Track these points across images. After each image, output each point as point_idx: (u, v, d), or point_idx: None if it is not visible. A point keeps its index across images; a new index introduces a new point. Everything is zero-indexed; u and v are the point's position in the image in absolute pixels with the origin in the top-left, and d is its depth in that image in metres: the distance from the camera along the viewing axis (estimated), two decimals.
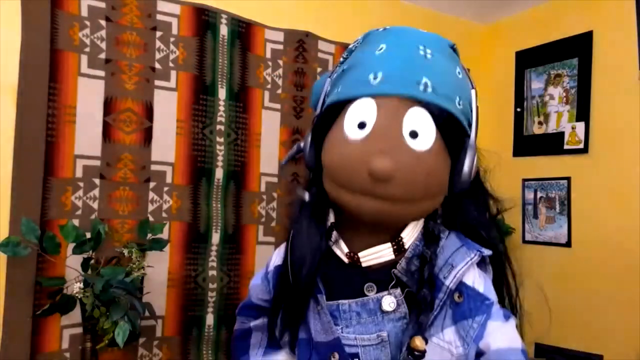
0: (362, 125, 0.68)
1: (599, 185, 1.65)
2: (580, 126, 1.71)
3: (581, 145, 1.70)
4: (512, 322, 0.73)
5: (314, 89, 0.84)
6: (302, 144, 0.79)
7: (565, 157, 1.75)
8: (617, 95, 1.62)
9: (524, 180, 1.87)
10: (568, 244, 1.73)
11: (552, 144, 1.79)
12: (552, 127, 1.81)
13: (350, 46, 0.78)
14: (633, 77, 1.57)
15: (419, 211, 0.73)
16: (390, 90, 0.67)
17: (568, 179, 1.74)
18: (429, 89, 0.67)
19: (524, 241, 1.86)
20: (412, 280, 0.73)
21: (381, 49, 0.70)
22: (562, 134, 1.76)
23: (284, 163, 0.85)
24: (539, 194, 1.83)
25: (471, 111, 0.73)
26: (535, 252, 1.81)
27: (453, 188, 0.72)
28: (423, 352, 0.67)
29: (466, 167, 0.70)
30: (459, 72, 0.72)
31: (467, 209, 0.77)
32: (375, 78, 0.68)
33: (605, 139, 1.65)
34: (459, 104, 0.69)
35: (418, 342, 0.67)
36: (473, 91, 0.75)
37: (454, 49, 0.76)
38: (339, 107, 0.72)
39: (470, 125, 0.73)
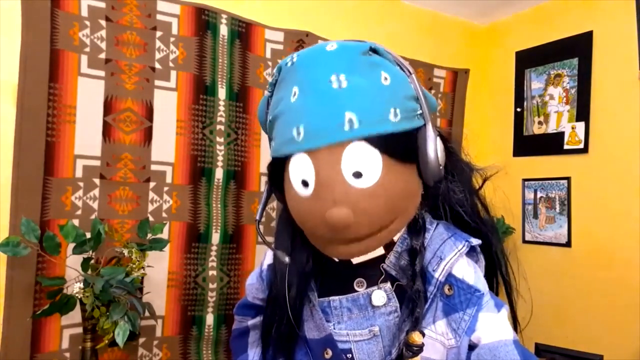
0: (305, 183, 0.68)
1: (599, 185, 1.65)
2: (580, 126, 1.71)
3: (581, 145, 1.70)
4: (504, 312, 0.72)
5: (259, 114, 0.83)
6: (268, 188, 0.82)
7: (565, 157, 1.75)
8: (617, 95, 1.62)
9: (524, 180, 1.87)
10: (568, 244, 1.73)
11: (552, 144, 1.79)
12: (552, 127, 1.81)
13: (271, 80, 0.75)
14: (633, 77, 1.57)
15: (397, 228, 0.72)
16: (317, 144, 0.65)
17: (568, 179, 1.74)
18: (355, 124, 0.63)
19: (524, 241, 1.86)
20: (402, 273, 0.73)
21: (294, 94, 0.67)
22: (562, 134, 1.76)
23: (258, 218, 0.83)
24: (539, 194, 1.83)
25: (417, 100, 0.70)
26: (535, 252, 1.81)
27: (427, 181, 0.72)
28: (421, 347, 0.67)
29: (431, 156, 0.68)
30: (385, 79, 0.67)
31: (449, 191, 0.76)
32: (298, 134, 0.65)
33: (605, 139, 1.65)
34: (396, 115, 0.66)
35: (416, 337, 0.67)
36: (412, 77, 0.71)
37: (373, 49, 0.70)
38: (281, 162, 0.72)
39: (421, 115, 0.70)
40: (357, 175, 0.65)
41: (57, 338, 1.26)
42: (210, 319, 1.46)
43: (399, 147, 0.67)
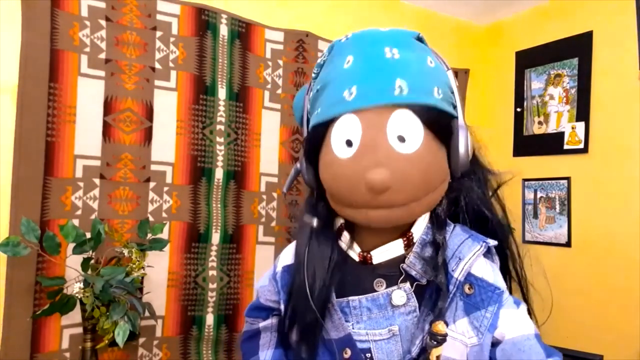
0: (349, 143, 0.69)
1: (599, 185, 1.65)
2: (580, 126, 1.71)
3: (581, 145, 1.70)
4: (523, 307, 0.74)
5: (295, 104, 0.85)
6: (298, 166, 0.80)
7: (565, 157, 1.75)
8: (617, 95, 1.62)
9: (524, 180, 1.87)
10: (568, 244, 1.73)
11: (552, 144, 1.79)
12: (552, 127, 1.81)
13: (319, 61, 0.78)
14: (633, 77, 1.57)
15: (426, 206, 0.73)
16: (367, 102, 0.67)
17: (568, 179, 1.74)
18: (405, 90, 0.67)
19: (524, 241, 1.86)
20: (422, 272, 0.74)
21: (348, 61, 0.70)
22: (562, 134, 1.76)
23: (285, 190, 0.85)
24: (539, 194, 1.83)
25: (453, 93, 0.74)
26: (535, 252, 1.80)
27: (454, 171, 0.74)
28: (445, 336, 0.68)
29: (462, 148, 0.71)
30: (430, 62, 0.72)
31: (469, 188, 0.78)
32: (350, 94, 0.68)
33: (605, 139, 1.65)
34: (438, 93, 0.70)
35: (440, 326, 0.68)
36: (449, 72, 0.75)
37: (420, 39, 0.75)
38: (323, 128, 0.72)
39: (455, 107, 0.73)
40: (401, 139, 0.67)
41: (57, 338, 1.26)
42: (210, 319, 1.46)
43: (439, 123, 0.70)
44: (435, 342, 0.67)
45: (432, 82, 0.70)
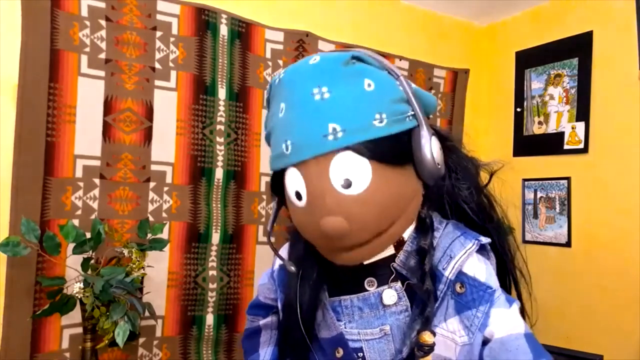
0: (298, 195, 0.69)
1: (599, 185, 1.65)
2: (580, 126, 1.71)
3: (581, 145, 1.70)
4: (515, 307, 0.73)
5: (263, 128, 0.87)
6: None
7: (565, 157, 1.75)
8: (617, 95, 1.62)
9: (524, 180, 1.87)
10: (568, 244, 1.73)
11: (552, 144, 1.79)
12: (552, 127, 1.81)
13: (265, 95, 0.78)
14: (633, 77, 1.57)
15: (397, 231, 0.73)
16: (303, 156, 0.67)
17: (568, 179, 1.74)
18: (339, 134, 0.64)
19: (524, 241, 1.86)
20: (412, 272, 0.73)
21: (282, 110, 0.69)
22: (562, 134, 1.76)
23: (270, 228, 0.85)
24: (539, 194, 1.83)
25: (408, 102, 0.70)
26: (535, 252, 1.81)
27: (427, 180, 0.72)
28: (432, 346, 0.68)
29: (427, 156, 0.69)
30: (368, 85, 0.68)
31: (454, 188, 0.76)
32: (287, 148, 0.68)
33: (605, 139, 1.65)
34: (381, 120, 0.66)
35: (426, 336, 0.68)
36: (400, 80, 0.71)
37: (357, 58, 0.70)
38: (279, 174, 0.74)
39: (414, 116, 0.70)
40: (346, 183, 0.66)
41: (57, 338, 1.26)
42: (210, 319, 1.46)
43: (388, 151, 0.67)
44: (422, 353, 0.68)
45: (371, 110, 0.67)
